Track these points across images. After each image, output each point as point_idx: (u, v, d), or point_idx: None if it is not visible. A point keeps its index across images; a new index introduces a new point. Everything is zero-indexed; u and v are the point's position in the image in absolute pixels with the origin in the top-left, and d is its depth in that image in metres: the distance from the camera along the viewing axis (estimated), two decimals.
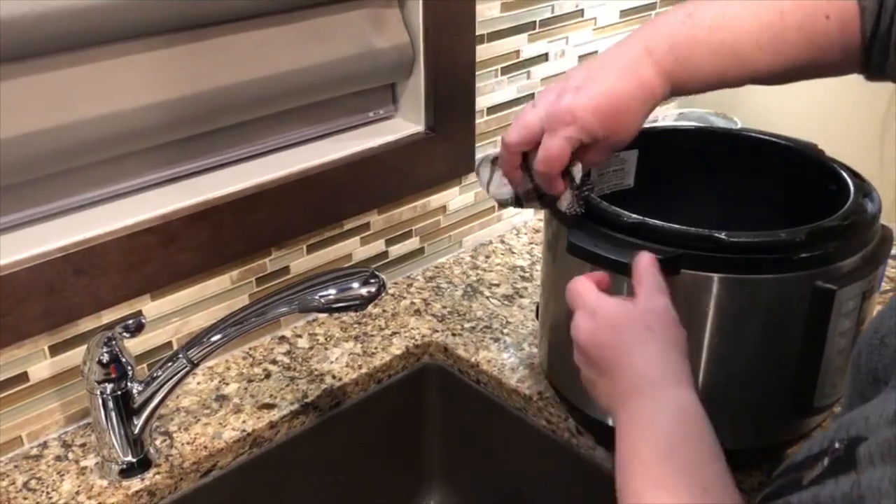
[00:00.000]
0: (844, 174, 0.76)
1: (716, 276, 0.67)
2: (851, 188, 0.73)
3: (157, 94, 0.84)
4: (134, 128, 0.84)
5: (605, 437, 0.83)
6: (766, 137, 0.85)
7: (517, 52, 1.12)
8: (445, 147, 1.08)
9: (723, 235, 0.65)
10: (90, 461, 0.82)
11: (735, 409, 0.74)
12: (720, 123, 1.20)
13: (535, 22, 1.12)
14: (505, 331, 1.00)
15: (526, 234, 1.22)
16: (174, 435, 0.85)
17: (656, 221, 0.67)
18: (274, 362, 0.96)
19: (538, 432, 0.90)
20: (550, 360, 0.85)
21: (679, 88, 0.67)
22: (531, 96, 1.17)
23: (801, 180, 0.81)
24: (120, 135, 0.83)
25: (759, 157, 0.85)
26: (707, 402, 0.72)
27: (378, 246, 1.07)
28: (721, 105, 1.31)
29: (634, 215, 0.69)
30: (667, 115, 1.26)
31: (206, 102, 0.88)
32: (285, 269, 0.99)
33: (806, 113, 1.21)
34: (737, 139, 0.88)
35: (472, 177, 1.14)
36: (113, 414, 0.78)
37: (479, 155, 0.79)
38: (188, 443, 0.84)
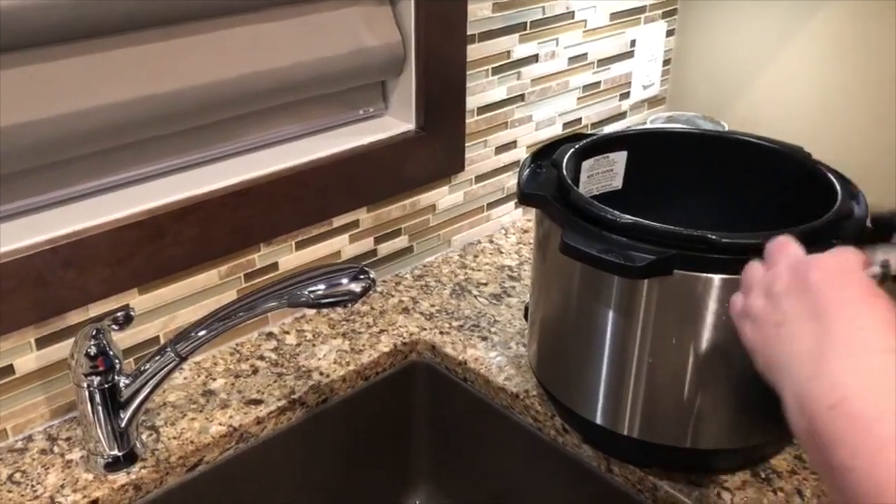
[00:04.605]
0: (831, 176, 0.77)
1: (707, 277, 0.67)
2: (839, 190, 0.74)
3: (147, 87, 0.84)
4: (123, 121, 0.84)
5: (591, 434, 0.83)
6: (754, 140, 0.86)
7: (508, 53, 1.13)
8: (435, 146, 1.08)
9: (715, 236, 0.65)
10: (76, 455, 0.82)
11: (725, 409, 0.74)
12: (708, 127, 1.21)
13: (526, 23, 1.13)
14: (492, 329, 1.00)
15: (514, 234, 1.23)
16: (160, 429, 0.85)
17: (650, 222, 0.68)
18: (261, 358, 0.96)
19: (525, 430, 0.90)
20: (540, 358, 0.86)
21: None
22: (521, 97, 1.17)
23: (787, 183, 0.82)
24: (108, 128, 0.83)
25: (746, 160, 0.86)
26: (697, 403, 0.74)
27: (367, 244, 1.07)
28: (709, 108, 1.32)
29: (627, 216, 0.69)
30: (656, 118, 1.26)
31: (196, 97, 0.88)
32: (273, 266, 0.98)
33: (792, 116, 1.23)
34: (724, 142, 0.88)
35: (462, 176, 1.14)
36: (100, 407, 0.78)
37: None
38: (174, 437, 0.84)
